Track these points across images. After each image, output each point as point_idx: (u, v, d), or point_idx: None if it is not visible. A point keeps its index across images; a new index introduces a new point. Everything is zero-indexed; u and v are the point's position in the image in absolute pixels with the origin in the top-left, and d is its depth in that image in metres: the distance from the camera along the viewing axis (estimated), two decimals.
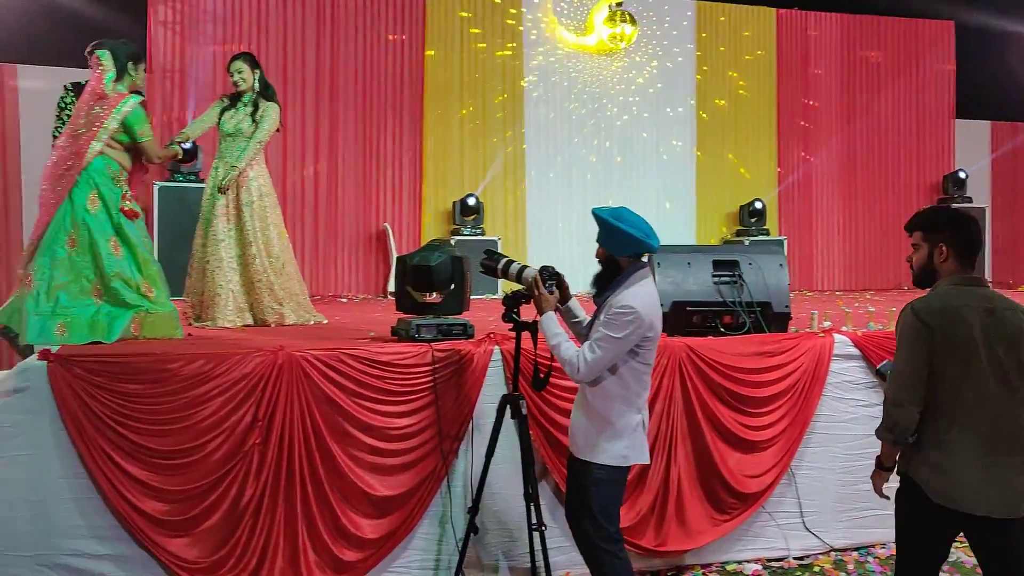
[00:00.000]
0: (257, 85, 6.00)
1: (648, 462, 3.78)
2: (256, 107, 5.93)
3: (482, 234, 9.72)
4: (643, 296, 3.48)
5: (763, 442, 4.97)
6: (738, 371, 4.91)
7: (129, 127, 4.84)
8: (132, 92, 4.94)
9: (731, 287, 5.14)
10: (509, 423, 4.09)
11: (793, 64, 11.68)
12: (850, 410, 5.23)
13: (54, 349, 4.05)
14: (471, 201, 9.73)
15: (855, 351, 5.23)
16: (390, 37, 9.87)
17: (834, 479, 5.22)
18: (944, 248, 3.11)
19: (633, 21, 10.61)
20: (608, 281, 3.59)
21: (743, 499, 4.91)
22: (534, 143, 10.54)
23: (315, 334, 5.32)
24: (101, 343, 4.37)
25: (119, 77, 4.92)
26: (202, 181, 8.10)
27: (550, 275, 3.71)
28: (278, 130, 6.09)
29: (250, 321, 5.79)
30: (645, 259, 3.62)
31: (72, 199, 4.66)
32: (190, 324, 5.66)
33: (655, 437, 4.67)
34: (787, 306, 5.25)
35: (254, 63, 6.05)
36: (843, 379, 5.22)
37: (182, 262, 6.21)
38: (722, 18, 11.41)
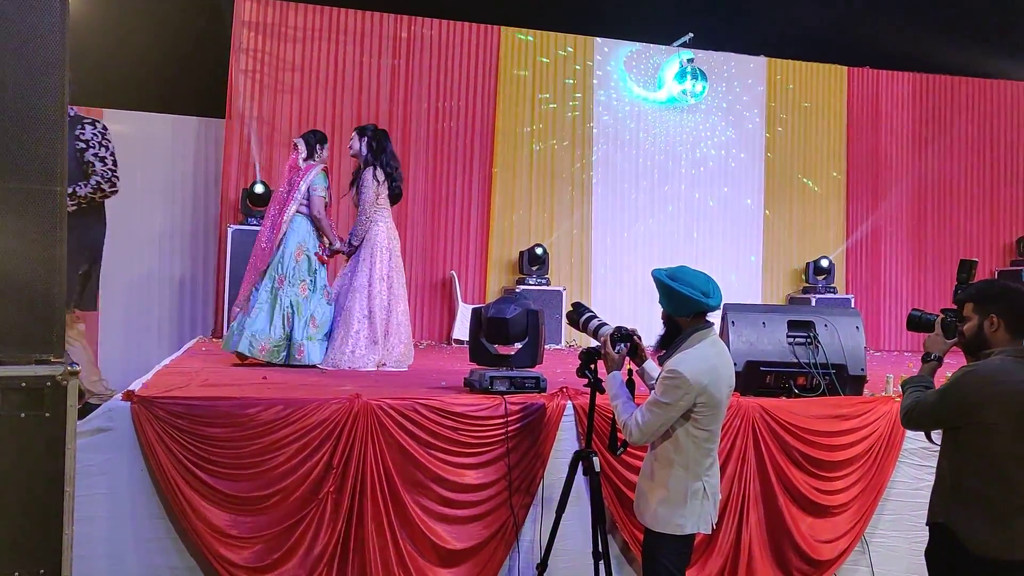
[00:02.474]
0: (364, 150, 6.40)
1: (710, 531, 3.58)
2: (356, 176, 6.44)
3: (547, 284, 9.75)
4: (696, 360, 3.35)
5: (837, 507, 4.86)
6: (812, 433, 4.82)
7: (312, 187, 6.19)
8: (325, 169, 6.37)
9: (806, 348, 5.08)
10: (580, 479, 4.06)
11: (864, 122, 11.59)
12: (926, 477, 5.06)
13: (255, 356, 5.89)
14: (539, 251, 9.77)
15: None
16: (458, 103, 10.08)
17: (909, 548, 5.05)
18: (995, 319, 3.23)
19: (703, 77, 10.66)
20: (670, 342, 3.51)
21: (815, 566, 4.79)
22: (601, 195, 10.60)
23: (389, 381, 5.37)
24: (289, 366, 5.93)
25: (309, 155, 6.35)
26: None
27: (621, 336, 3.66)
28: (395, 185, 6.47)
29: None
30: (711, 318, 3.52)
31: (283, 249, 6.10)
32: None
33: (727, 499, 4.59)
34: (863, 369, 5.17)
35: (361, 132, 6.48)
36: (919, 445, 5.08)
37: None
38: (792, 75, 11.39)
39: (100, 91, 9.14)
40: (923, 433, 3.69)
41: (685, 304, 3.43)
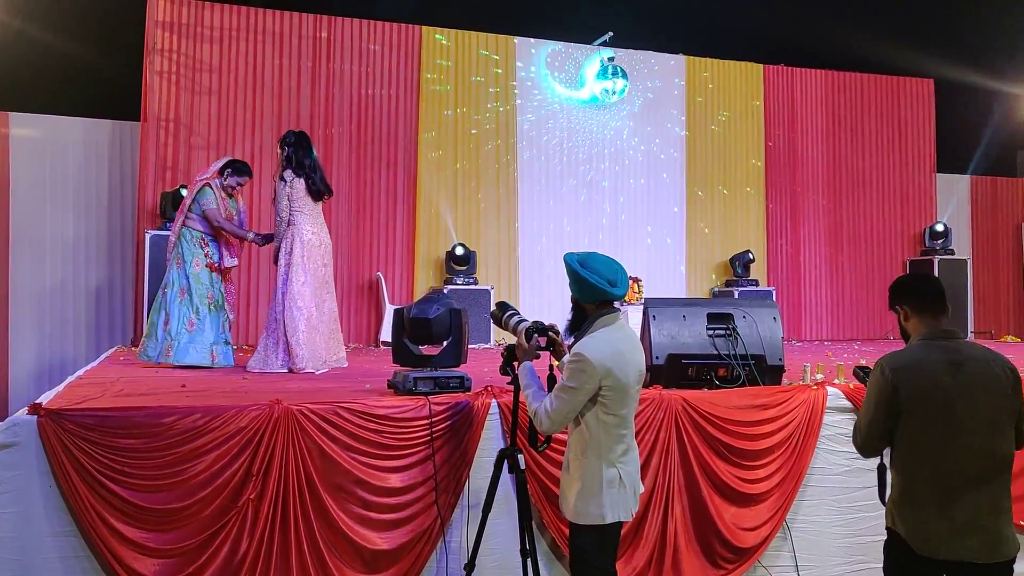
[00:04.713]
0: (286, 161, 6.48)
1: (630, 519, 3.57)
2: None
3: (475, 283, 9.73)
4: (600, 344, 3.36)
5: (759, 495, 4.94)
6: (734, 424, 4.90)
7: (196, 202, 6.56)
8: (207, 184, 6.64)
9: (726, 340, 5.16)
10: (507, 477, 4.05)
11: (780, 118, 11.87)
12: (844, 463, 5.21)
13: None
14: (459, 251, 9.75)
15: (848, 404, 5.23)
16: (380, 104, 10.00)
17: (830, 532, 5.18)
18: (901, 308, 3.34)
19: (624, 75, 10.76)
20: (577, 327, 3.54)
21: (739, 553, 4.87)
22: (527, 194, 10.62)
23: (311, 385, 5.30)
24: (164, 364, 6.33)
25: (219, 175, 6.70)
26: None
27: (536, 330, 3.68)
28: (308, 179, 6.40)
29: None
30: (619, 304, 3.57)
31: (173, 258, 6.57)
32: None
33: (651, 491, 4.64)
34: (781, 359, 5.27)
35: (281, 144, 6.55)
36: (837, 432, 5.21)
37: None
38: (710, 73, 11.60)
39: (5, 93, 8.85)
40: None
41: (591, 291, 3.45)
